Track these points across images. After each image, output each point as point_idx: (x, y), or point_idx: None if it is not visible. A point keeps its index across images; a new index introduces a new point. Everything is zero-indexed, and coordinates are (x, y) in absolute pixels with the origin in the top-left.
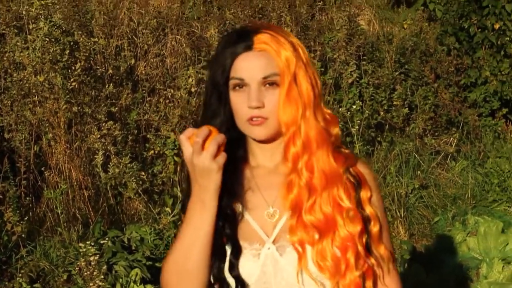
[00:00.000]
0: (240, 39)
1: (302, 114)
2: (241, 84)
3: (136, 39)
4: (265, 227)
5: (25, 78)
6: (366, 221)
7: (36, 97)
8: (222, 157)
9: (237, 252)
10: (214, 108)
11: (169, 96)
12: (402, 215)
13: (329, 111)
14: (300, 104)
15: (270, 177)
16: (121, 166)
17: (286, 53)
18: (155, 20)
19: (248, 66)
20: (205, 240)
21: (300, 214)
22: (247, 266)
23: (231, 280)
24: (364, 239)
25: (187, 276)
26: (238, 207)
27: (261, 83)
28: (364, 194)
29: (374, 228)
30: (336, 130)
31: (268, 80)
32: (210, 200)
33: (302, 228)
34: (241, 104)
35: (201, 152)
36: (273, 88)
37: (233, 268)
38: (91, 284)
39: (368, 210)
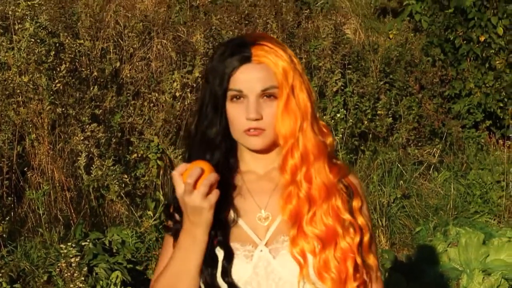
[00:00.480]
0: (238, 50)
1: (300, 127)
2: (239, 96)
3: (121, 42)
4: (257, 230)
5: (10, 78)
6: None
7: (20, 97)
8: (214, 195)
9: (229, 257)
10: (210, 118)
11: (154, 100)
12: (384, 224)
13: (323, 122)
14: (298, 116)
15: (261, 182)
16: (104, 169)
17: (284, 65)
18: (141, 24)
19: (247, 78)
20: (194, 272)
21: (300, 225)
22: (239, 266)
23: (224, 287)
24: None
25: None
26: (230, 212)
27: (259, 95)
28: (356, 204)
29: (365, 237)
30: (330, 140)
31: (267, 92)
32: (200, 235)
33: (303, 239)
34: (238, 115)
35: (193, 191)
36: (271, 100)
37: (226, 274)
38: (71, 285)
39: (360, 220)
